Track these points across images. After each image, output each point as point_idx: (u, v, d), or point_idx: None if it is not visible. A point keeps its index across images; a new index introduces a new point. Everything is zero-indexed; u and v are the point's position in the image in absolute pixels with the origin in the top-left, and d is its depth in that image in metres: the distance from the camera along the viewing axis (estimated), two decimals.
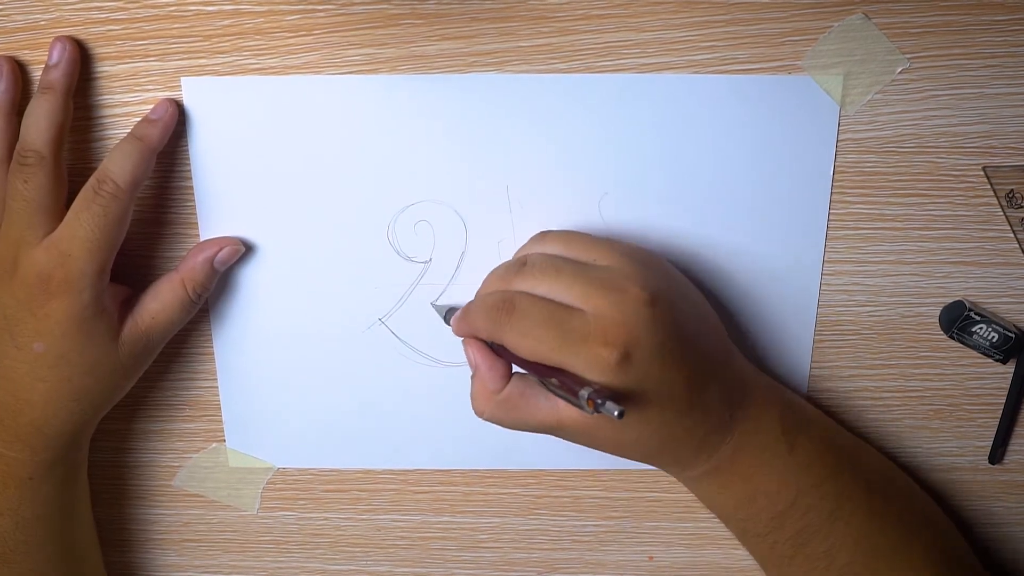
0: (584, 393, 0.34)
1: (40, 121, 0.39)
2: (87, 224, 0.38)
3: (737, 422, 0.39)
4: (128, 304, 0.42)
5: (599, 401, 0.33)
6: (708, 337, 0.39)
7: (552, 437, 0.45)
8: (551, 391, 0.37)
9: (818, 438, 0.42)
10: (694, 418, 0.38)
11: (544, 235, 0.42)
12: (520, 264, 0.39)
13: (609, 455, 0.40)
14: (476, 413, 0.40)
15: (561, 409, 0.37)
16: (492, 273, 0.40)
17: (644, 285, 0.37)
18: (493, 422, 0.40)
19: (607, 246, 0.39)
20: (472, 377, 0.40)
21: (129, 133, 0.40)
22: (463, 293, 0.44)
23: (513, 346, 0.37)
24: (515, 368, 0.39)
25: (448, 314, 0.43)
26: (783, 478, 0.40)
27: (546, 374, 0.37)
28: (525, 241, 0.43)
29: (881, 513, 0.41)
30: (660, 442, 0.39)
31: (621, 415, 0.32)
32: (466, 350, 0.40)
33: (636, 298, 0.36)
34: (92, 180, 0.39)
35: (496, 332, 0.37)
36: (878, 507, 0.41)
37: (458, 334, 0.40)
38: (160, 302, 0.42)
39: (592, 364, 0.35)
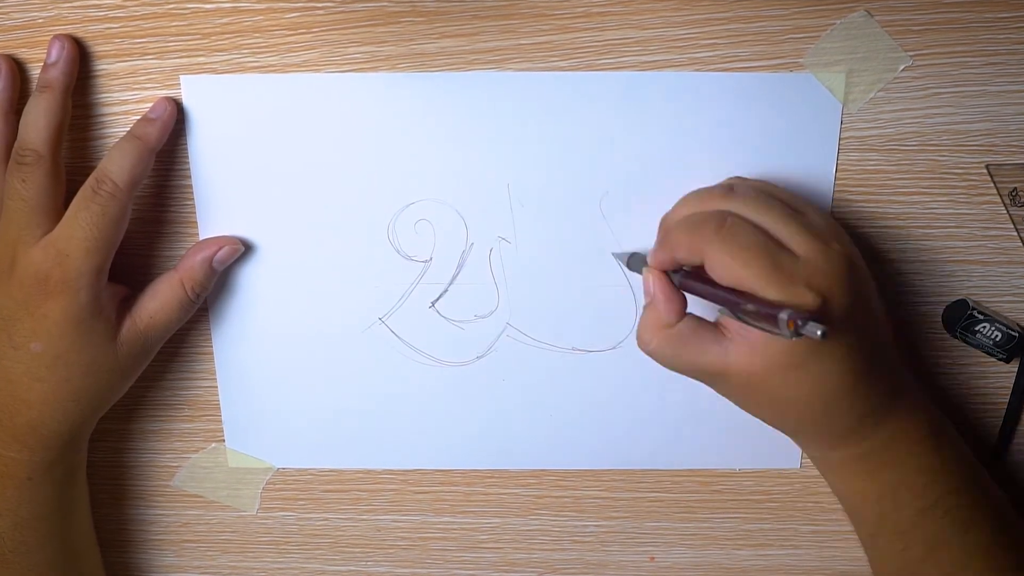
0: (784, 315, 0.32)
1: (38, 120, 0.39)
2: (85, 224, 0.38)
3: (895, 408, 0.39)
4: (126, 304, 0.42)
5: (800, 322, 0.32)
6: (881, 319, 0.39)
7: (551, 437, 0.45)
8: (742, 319, 0.35)
9: (956, 443, 0.41)
10: (861, 391, 0.37)
11: (742, 178, 0.41)
12: (727, 188, 0.38)
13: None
14: (641, 344, 0.39)
15: (732, 354, 0.36)
16: (688, 196, 0.39)
17: (845, 245, 0.37)
18: (655, 357, 0.39)
19: (807, 202, 0.39)
20: (646, 307, 0.39)
21: (128, 132, 0.40)
22: (464, 293, 0.44)
23: (718, 263, 0.35)
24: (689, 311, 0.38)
25: (632, 260, 0.42)
26: (929, 475, 0.39)
27: (736, 301, 0.35)
28: (525, 240, 0.43)
29: (1003, 534, 0.40)
30: (824, 407, 0.37)
31: (824, 335, 0.31)
32: (645, 279, 0.39)
33: (839, 254, 0.36)
34: (90, 180, 0.39)
35: (698, 247, 0.36)
36: (1000, 525, 0.40)
37: (654, 264, 0.39)
38: (159, 301, 0.41)
39: (792, 303, 0.34)
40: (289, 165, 0.42)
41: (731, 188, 0.38)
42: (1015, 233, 0.43)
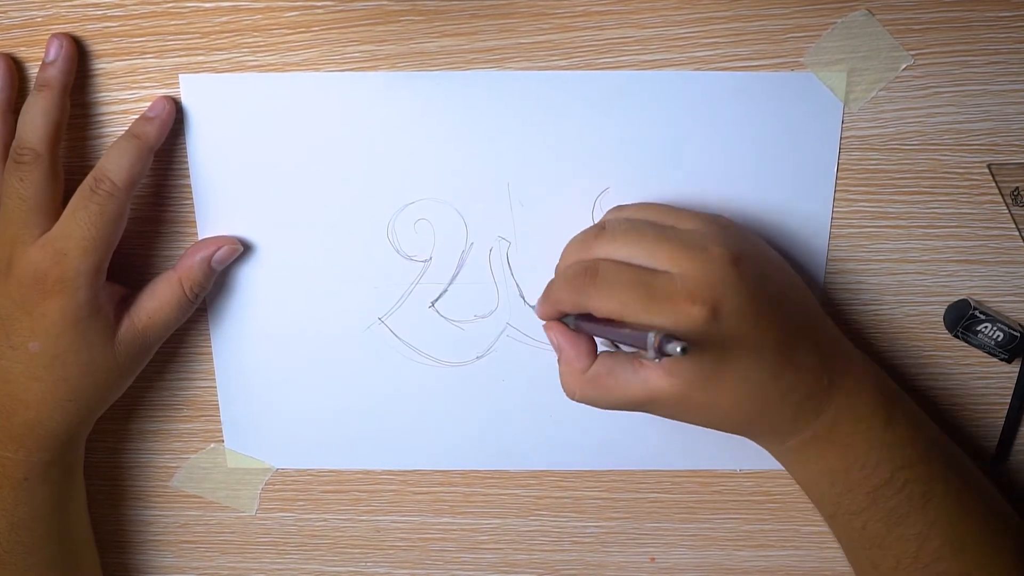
0: (651, 336, 0.33)
1: (36, 119, 0.38)
2: (83, 223, 0.38)
3: (835, 388, 0.38)
4: (125, 303, 0.41)
5: (661, 342, 0.32)
6: (795, 298, 0.39)
7: (551, 437, 0.45)
8: (624, 346, 0.36)
9: (911, 415, 0.41)
10: (788, 380, 0.37)
11: (620, 207, 0.41)
12: (599, 229, 0.38)
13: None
14: (567, 394, 0.40)
15: (651, 381, 0.37)
16: (569, 244, 0.40)
17: (726, 245, 0.36)
18: (585, 403, 0.39)
19: (684, 212, 0.39)
20: (558, 360, 0.40)
21: (126, 131, 0.40)
22: (464, 293, 0.44)
23: (598, 309, 0.36)
24: (600, 348, 0.39)
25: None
26: (881, 451, 0.39)
27: (616, 332, 0.36)
28: (525, 239, 0.43)
29: (969, 503, 0.40)
30: (757, 407, 0.38)
31: (684, 351, 0.31)
32: (548, 334, 0.40)
33: (720, 257, 0.36)
34: (89, 179, 0.39)
35: (580, 300, 0.37)
36: (967, 496, 0.40)
37: (542, 316, 0.40)
38: (157, 301, 0.41)
39: (680, 322, 0.35)
40: (288, 164, 0.42)
41: (603, 228, 0.38)
42: (1017, 233, 0.42)
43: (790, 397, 0.38)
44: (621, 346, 0.38)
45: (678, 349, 0.32)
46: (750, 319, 0.36)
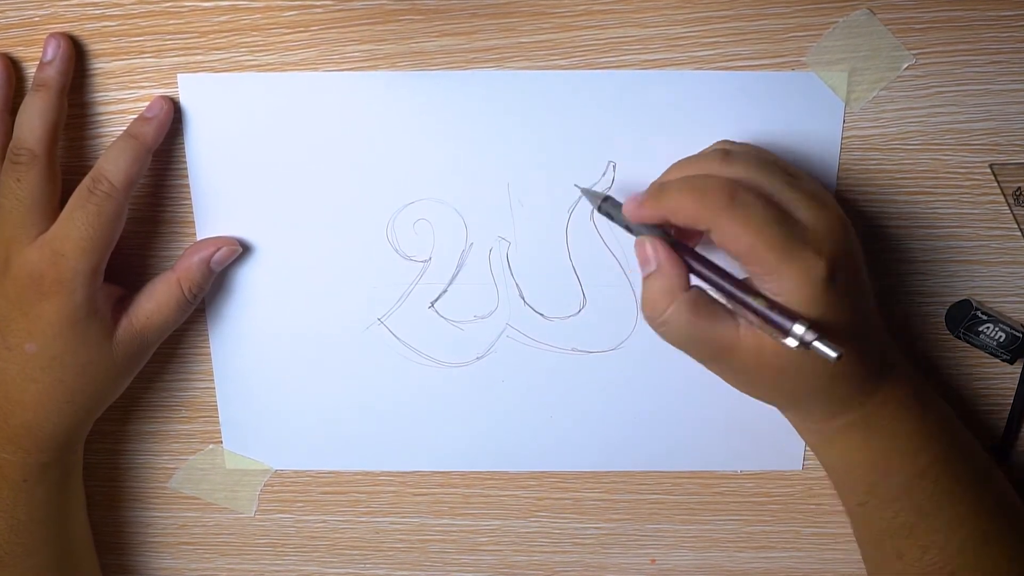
0: (800, 328, 0.32)
1: (33, 119, 0.38)
2: (81, 223, 0.38)
3: (888, 374, 0.38)
4: (122, 304, 0.41)
5: (812, 340, 0.31)
6: (868, 287, 0.38)
7: (551, 438, 0.44)
8: (752, 308, 0.34)
9: (944, 412, 0.41)
10: (860, 357, 0.37)
11: (726, 141, 0.40)
12: (724, 154, 0.37)
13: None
14: (652, 314, 0.36)
15: (742, 327, 0.36)
16: (683, 161, 0.38)
17: (839, 210, 0.36)
18: (668, 327, 0.36)
19: (798, 171, 0.38)
20: (648, 277, 0.37)
21: (124, 132, 0.40)
22: (463, 293, 0.44)
23: (730, 234, 0.34)
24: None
25: (605, 205, 0.39)
26: (920, 441, 0.39)
27: (744, 300, 0.34)
28: (525, 240, 0.43)
29: (994, 499, 0.40)
30: (822, 381, 0.37)
31: (839, 357, 0.31)
32: (643, 245, 0.37)
33: (839, 219, 0.36)
34: (87, 179, 0.39)
35: (707, 216, 0.34)
36: (993, 492, 0.41)
37: (638, 218, 0.37)
38: (155, 302, 0.41)
39: (804, 274, 0.34)
40: (287, 164, 0.42)
41: (728, 153, 0.37)
42: (1019, 233, 0.42)
43: (858, 372, 0.37)
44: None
45: (834, 355, 0.31)
46: (853, 294, 0.36)
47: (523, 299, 0.44)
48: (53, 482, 0.42)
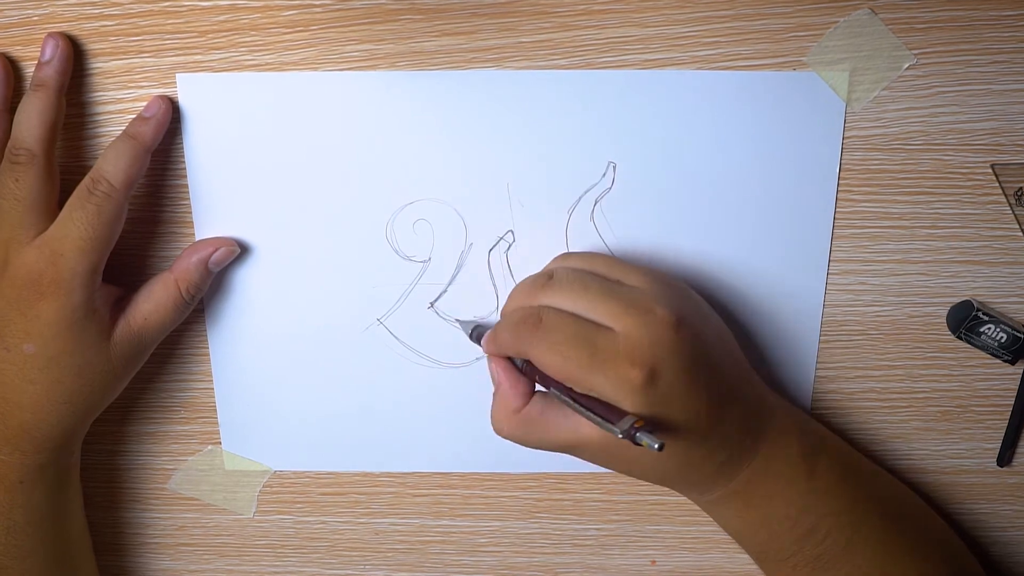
0: (625, 423, 0.33)
1: (32, 119, 0.38)
2: (80, 224, 0.38)
3: (757, 447, 0.39)
4: (120, 305, 0.41)
5: (634, 432, 0.33)
6: (728, 362, 0.39)
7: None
8: (577, 410, 0.36)
9: (836, 463, 0.42)
10: (713, 443, 0.38)
11: (568, 255, 0.41)
12: (546, 277, 0.38)
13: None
14: (495, 431, 0.40)
15: (581, 427, 0.37)
16: (516, 288, 0.40)
17: (670, 307, 0.36)
18: (512, 440, 0.39)
19: (632, 267, 0.39)
20: (494, 394, 0.40)
21: (123, 132, 0.40)
22: (463, 293, 0.44)
23: (539, 361, 0.37)
24: (538, 388, 0.39)
25: (475, 331, 0.43)
26: (802, 504, 0.40)
27: (571, 396, 0.36)
28: (525, 240, 0.42)
29: (897, 541, 0.41)
30: (678, 466, 0.38)
31: (661, 448, 0.32)
32: (490, 367, 0.40)
33: (663, 320, 0.36)
34: (86, 180, 0.39)
35: (522, 347, 0.37)
36: (894, 534, 0.41)
37: (488, 352, 0.40)
38: (153, 303, 0.41)
39: (619, 384, 0.35)
40: (286, 164, 0.42)
41: (550, 276, 0.38)
42: (1021, 233, 0.42)
43: (713, 457, 0.38)
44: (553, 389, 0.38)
45: (655, 446, 0.32)
46: (685, 385, 0.36)
47: None
48: (50, 483, 0.42)
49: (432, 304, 0.44)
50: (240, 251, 0.43)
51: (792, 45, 0.40)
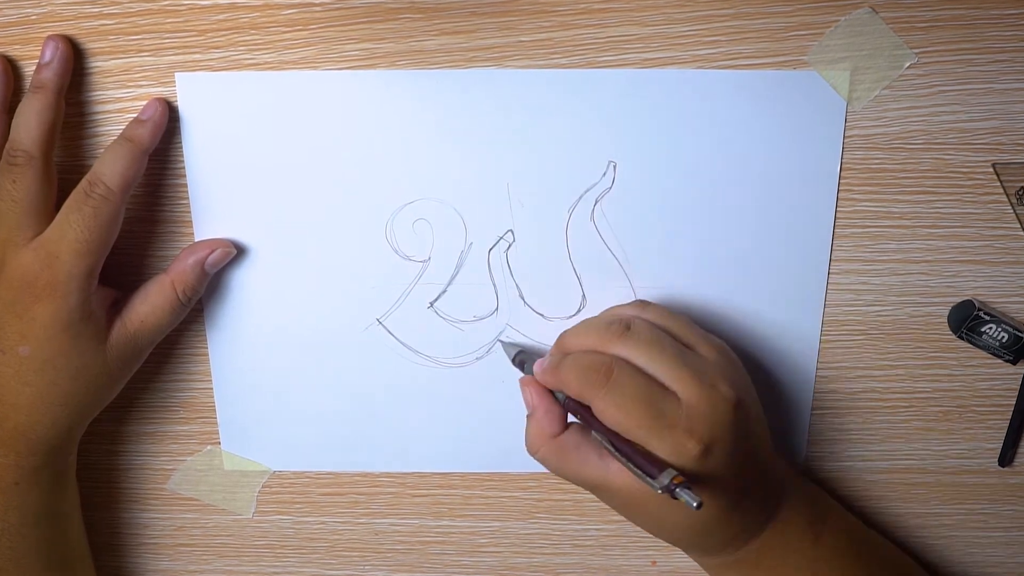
0: (665, 478, 0.34)
1: (30, 120, 0.38)
2: (77, 226, 0.38)
3: (771, 522, 0.40)
4: (116, 307, 0.41)
5: (674, 487, 0.33)
6: (762, 442, 0.40)
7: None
8: (616, 456, 0.37)
9: (841, 531, 0.43)
10: (734, 518, 0.39)
11: (646, 305, 0.41)
12: (624, 327, 0.39)
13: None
14: (530, 451, 0.40)
15: (612, 470, 0.38)
16: (590, 327, 0.40)
17: (734, 386, 0.38)
18: (544, 464, 0.40)
19: (704, 336, 0.40)
20: (528, 417, 0.40)
21: (120, 135, 0.40)
22: (463, 293, 0.44)
23: (601, 412, 0.37)
24: (571, 418, 0.40)
25: (519, 356, 0.43)
26: (810, 568, 0.41)
27: (620, 447, 0.37)
28: (525, 239, 0.42)
29: None
30: (697, 531, 0.39)
31: (699, 506, 0.32)
32: (524, 391, 0.40)
33: (725, 397, 0.37)
34: (83, 182, 0.39)
35: (588, 394, 0.37)
36: None
37: (542, 382, 0.40)
38: (149, 305, 0.41)
39: (674, 451, 0.36)
40: (286, 164, 0.42)
41: (628, 327, 0.39)
42: (1022, 232, 0.42)
43: (731, 529, 0.39)
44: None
45: (695, 504, 0.32)
46: (732, 464, 0.37)
47: (523, 299, 0.44)
48: (46, 486, 0.42)
49: (432, 304, 0.44)
50: (238, 251, 0.43)
51: (793, 44, 0.39)
